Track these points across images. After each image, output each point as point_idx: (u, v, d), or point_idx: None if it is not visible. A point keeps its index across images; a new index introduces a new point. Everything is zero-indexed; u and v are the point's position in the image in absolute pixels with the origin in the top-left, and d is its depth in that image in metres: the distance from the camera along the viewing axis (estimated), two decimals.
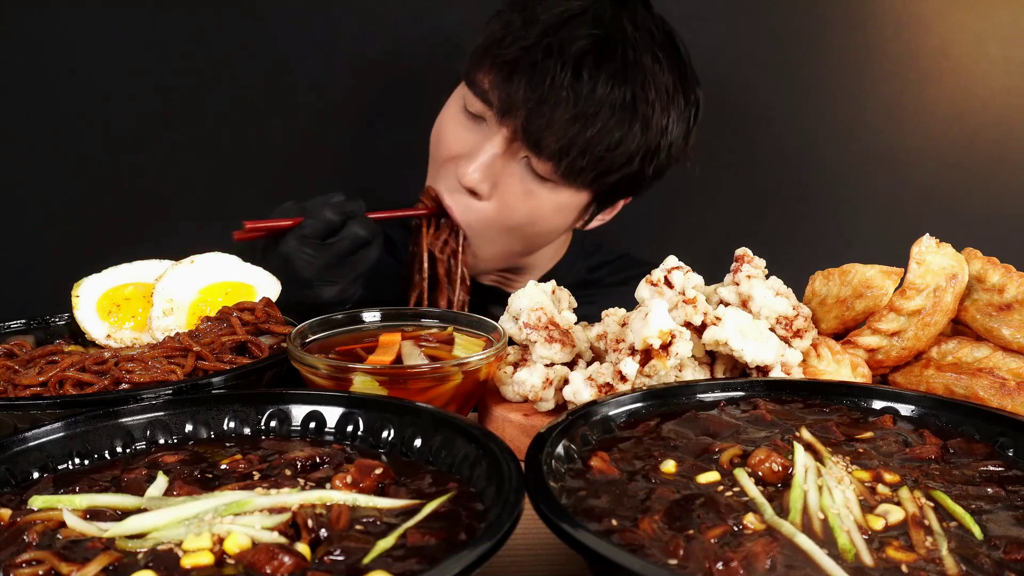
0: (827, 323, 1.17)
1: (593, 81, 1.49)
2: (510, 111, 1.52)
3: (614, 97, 1.51)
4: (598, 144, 1.52)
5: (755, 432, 0.84)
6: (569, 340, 1.09)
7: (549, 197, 1.60)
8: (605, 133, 1.51)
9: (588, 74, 1.49)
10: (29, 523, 0.67)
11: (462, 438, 0.78)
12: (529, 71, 1.50)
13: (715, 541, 0.65)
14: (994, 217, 2.11)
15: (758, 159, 2.13)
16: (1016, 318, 1.06)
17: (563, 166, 1.53)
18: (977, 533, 0.67)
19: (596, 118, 1.50)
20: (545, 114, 1.49)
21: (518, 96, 1.50)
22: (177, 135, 2.04)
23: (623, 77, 1.51)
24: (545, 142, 1.51)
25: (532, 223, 1.64)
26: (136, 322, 1.22)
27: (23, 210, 2.03)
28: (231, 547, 0.62)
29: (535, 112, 1.49)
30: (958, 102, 2.08)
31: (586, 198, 1.65)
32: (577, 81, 1.49)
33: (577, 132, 1.50)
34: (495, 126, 1.57)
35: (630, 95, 1.52)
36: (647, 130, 1.55)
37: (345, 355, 1.10)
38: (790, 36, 2.08)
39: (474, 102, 1.59)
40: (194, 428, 0.86)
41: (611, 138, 1.52)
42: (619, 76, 1.51)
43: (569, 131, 1.49)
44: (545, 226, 1.66)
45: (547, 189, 1.59)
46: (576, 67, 1.49)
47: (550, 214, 1.63)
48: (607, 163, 1.55)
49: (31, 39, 1.95)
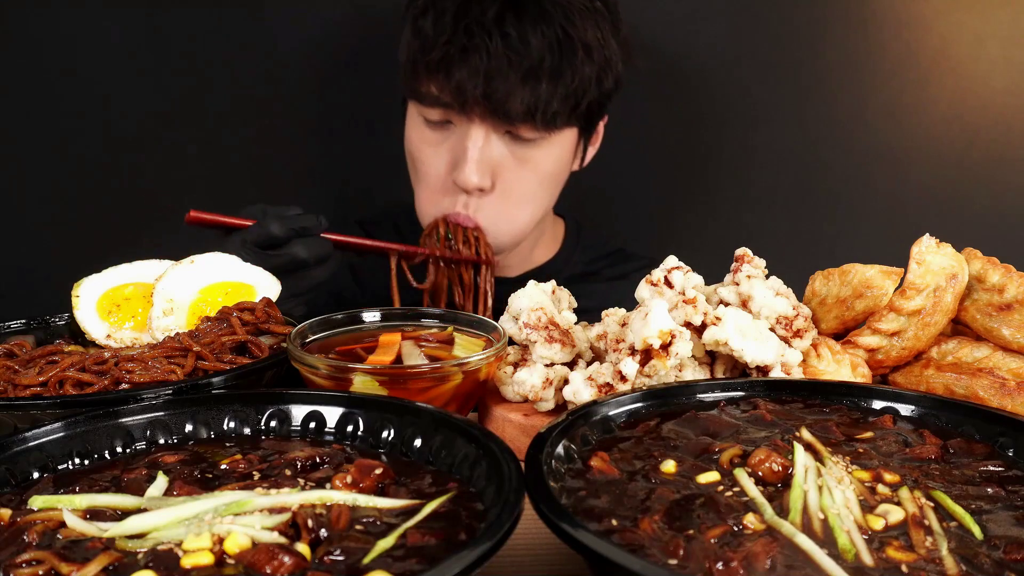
0: (827, 323, 1.17)
1: (523, 35, 1.54)
2: (467, 100, 1.55)
3: (548, 39, 1.55)
4: (558, 88, 1.56)
5: (755, 432, 0.84)
6: (569, 340, 1.09)
7: (542, 155, 1.65)
8: (559, 75, 1.56)
9: (515, 31, 1.54)
10: (29, 523, 0.67)
11: (462, 438, 0.78)
12: (463, 59, 1.54)
13: (715, 541, 0.65)
14: (994, 217, 2.11)
15: (758, 159, 2.14)
16: (1016, 318, 1.06)
17: (540, 119, 1.57)
18: (977, 533, 0.67)
19: (543, 66, 1.55)
20: (499, 87, 1.53)
21: (467, 84, 1.54)
22: (177, 135, 2.04)
23: (545, 18, 1.56)
24: (513, 109, 1.55)
25: (540, 182, 1.67)
26: (136, 322, 1.22)
27: (23, 210, 2.03)
28: (231, 547, 0.62)
29: (489, 90, 1.53)
30: (958, 102, 2.08)
31: (573, 136, 1.69)
32: (508, 42, 1.54)
33: (534, 87, 1.54)
34: (464, 121, 1.60)
35: (560, 30, 1.56)
36: (590, 50, 1.59)
37: (345, 355, 1.10)
38: (790, 36, 2.08)
39: (431, 112, 1.62)
40: (194, 428, 0.86)
41: (566, 77, 1.57)
42: (542, 19, 1.56)
43: (526, 89, 1.54)
44: (552, 179, 1.70)
45: (537, 149, 1.63)
46: (501, 31, 1.54)
47: (552, 166, 1.67)
48: (574, 99, 1.59)
49: (31, 39, 1.95)
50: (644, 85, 2.08)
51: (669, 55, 2.08)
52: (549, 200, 1.75)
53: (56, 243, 2.03)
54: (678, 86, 2.09)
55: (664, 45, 2.07)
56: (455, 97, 1.56)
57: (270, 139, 2.08)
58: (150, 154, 2.03)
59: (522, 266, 1.87)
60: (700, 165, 2.16)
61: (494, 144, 1.61)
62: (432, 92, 1.59)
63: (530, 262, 1.88)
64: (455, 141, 1.63)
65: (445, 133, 1.65)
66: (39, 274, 1.96)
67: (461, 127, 1.62)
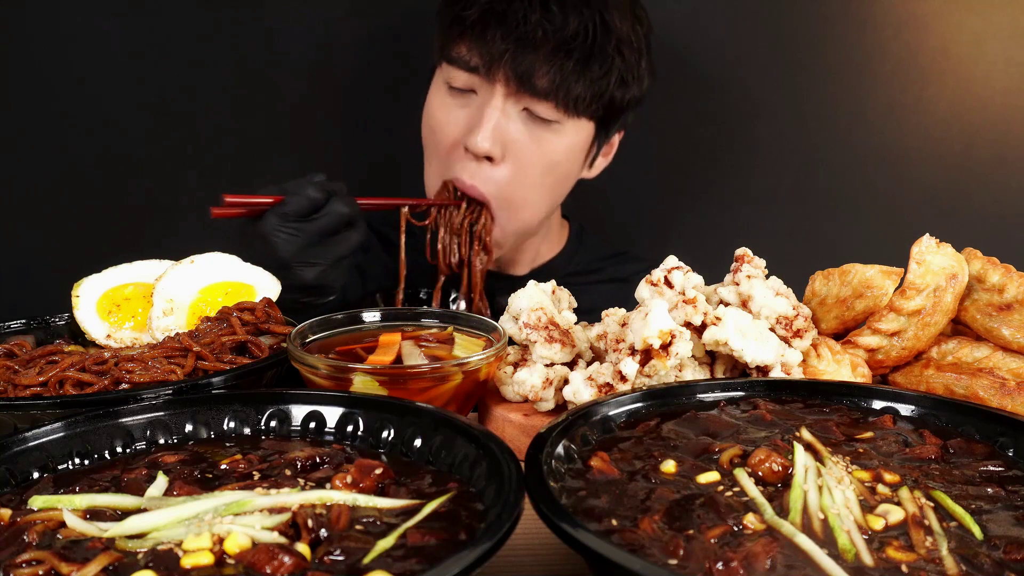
0: (827, 323, 1.17)
1: (563, 12, 1.56)
2: (495, 64, 1.56)
3: (586, 21, 1.57)
4: (587, 70, 1.58)
5: (755, 432, 0.84)
6: (569, 340, 1.09)
7: (556, 139, 1.64)
8: (590, 58, 1.58)
9: (556, 7, 1.56)
10: (29, 523, 0.67)
11: (462, 438, 0.78)
12: (500, 20, 1.55)
13: (715, 541, 0.65)
14: (994, 217, 2.11)
15: (758, 159, 2.14)
16: (1016, 318, 1.06)
17: (561, 98, 1.58)
18: (977, 533, 0.67)
19: (575, 44, 1.56)
20: (529, 56, 1.54)
21: (497, 47, 1.55)
22: (177, 135, 2.04)
23: (587, 1, 1.58)
24: (538, 82, 1.56)
25: (549, 169, 1.67)
26: (136, 322, 1.22)
27: (23, 210, 2.03)
28: (231, 547, 0.62)
29: (519, 56, 1.55)
30: (958, 102, 2.08)
31: (588, 131, 1.69)
32: (548, 15, 1.55)
33: (562, 62, 1.56)
34: (487, 89, 1.61)
35: (599, 17, 1.58)
36: (621, 44, 1.62)
37: (345, 355, 1.10)
38: (790, 36, 2.08)
39: (458, 75, 1.63)
40: (194, 428, 0.86)
41: (596, 61, 1.58)
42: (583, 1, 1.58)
43: (555, 64, 1.55)
44: (562, 171, 1.70)
45: (552, 132, 1.64)
46: (543, 3, 1.56)
47: (563, 156, 1.67)
48: (598, 87, 1.61)
49: (31, 40, 1.95)
50: None
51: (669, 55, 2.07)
52: (556, 191, 1.74)
53: (56, 243, 2.02)
54: (678, 86, 2.09)
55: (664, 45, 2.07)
56: (484, 60, 1.57)
57: (270, 139, 2.08)
58: (150, 154, 2.03)
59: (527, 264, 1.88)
60: (700, 165, 2.16)
61: (511, 118, 1.62)
62: (462, 53, 1.60)
63: (535, 261, 1.90)
64: (473, 109, 1.64)
65: (466, 100, 1.65)
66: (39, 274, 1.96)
67: (483, 95, 1.62)
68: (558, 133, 1.64)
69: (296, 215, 1.40)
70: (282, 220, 1.39)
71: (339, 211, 1.41)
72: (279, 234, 1.39)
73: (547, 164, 1.66)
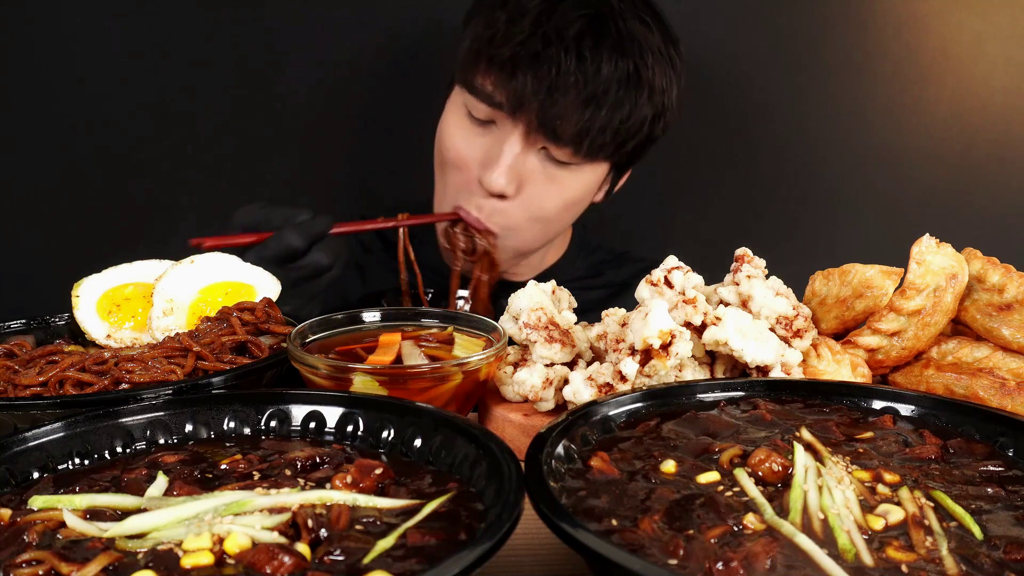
0: (827, 323, 1.17)
1: (596, 61, 1.51)
2: (521, 107, 1.52)
3: (619, 72, 1.53)
4: (612, 120, 1.54)
5: (755, 432, 0.84)
6: (569, 340, 1.09)
7: (572, 179, 1.62)
8: (617, 108, 1.54)
9: (591, 54, 1.51)
10: (29, 523, 0.67)
11: (462, 438, 0.78)
12: (532, 64, 1.50)
13: (715, 541, 0.65)
14: (994, 217, 2.11)
15: (758, 159, 2.14)
16: (1016, 318, 1.06)
17: (584, 148, 1.55)
18: (977, 533, 0.67)
19: (606, 96, 1.52)
20: (558, 102, 1.50)
21: (526, 91, 1.50)
22: (177, 135, 2.04)
23: (622, 50, 1.54)
24: (562, 130, 1.52)
25: (561, 206, 1.65)
26: (136, 322, 1.22)
27: (23, 210, 2.03)
28: (231, 547, 0.62)
29: (547, 103, 1.50)
30: (958, 102, 2.08)
31: (605, 170, 1.68)
32: (582, 64, 1.51)
33: (591, 114, 1.52)
34: (508, 125, 1.57)
35: (632, 66, 1.54)
36: (653, 94, 1.58)
37: (345, 355, 1.10)
38: (790, 36, 2.08)
39: (479, 107, 1.58)
40: (194, 428, 0.86)
41: (623, 111, 1.55)
42: (619, 49, 1.53)
43: (584, 114, 1.51)
44: (577, 206, 1.69)
45: (568, 172, 1.61)
46: (578, 50, 1.51)
47: (578, 193, 1.66)
48: (622, 135, 1.58)
49: (31, 41, 1.95)
50: None
51: None
52: (562, 223, 1.73)
53: (56, 243, 2.03)
54: None
55: None
56: (510, 100, 1.53)
57: (271, 139, 2.07)
58: (150, 154, 2.03)
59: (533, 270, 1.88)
60: (700, 165, 2.16)
61: (529, 157, 1.58)
62: (487, 88, 1.56)
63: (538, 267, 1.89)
64: (491, 142, 1.60)
65: (484, 131, 1.61)
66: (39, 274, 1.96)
67: (503, 130, 1.58)
68: (575, 173, 1.62)
69: (275, 261, 1.36)
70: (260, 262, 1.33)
71: (318, 263, 1.38)
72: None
73: (560, 203, 1.64)
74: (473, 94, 1.58)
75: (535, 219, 1.65)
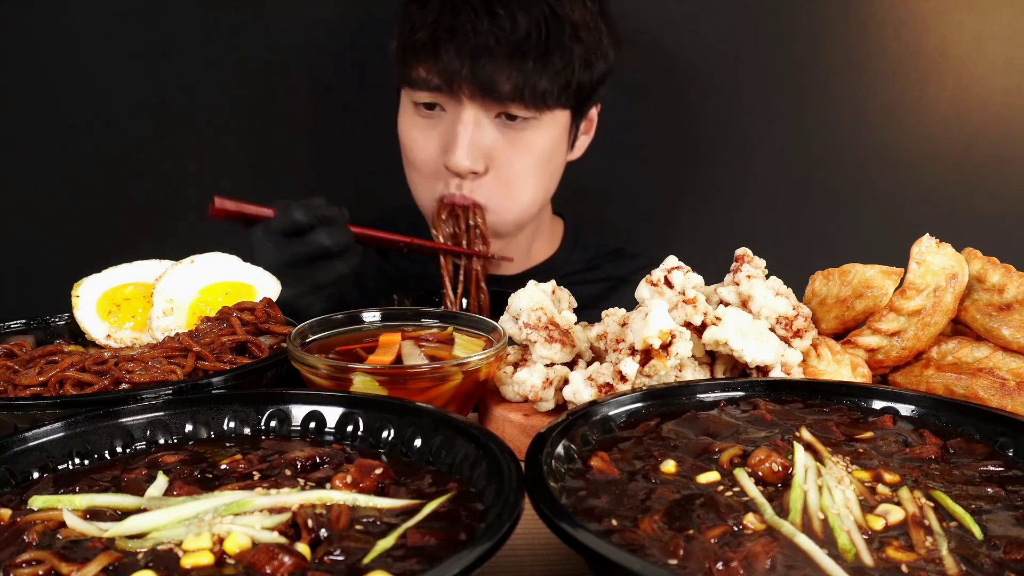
0: (827, 323, 1.17)
1: (510, 14, 1.55)
2: (455, 80, 1.56)
3: (535, 17, 1.56)
4: (546, 66, 1.56)
5: (755, 432, 0.84)
6: (569, 340, 1.09)
7: (534, 136, 1.64)
8: (546, 53, 1.56)
9: (503, 10, 1.55)
10: (29, 523, 0.67)
11: (462, 438, 0.78)
12: (450, 37, 1.55)
13: (715, 541, 0.65)
14: (994, 217, 2.11)
15: (758, 159, 2.14)
16: (1016, 318, 1.06)
17: (528, 97, 1.57)
18: (977, 533, 0.67)
19: (530, 43, 1.55)
20: (486, 66, 1.54)
21: (453, 64, 1.54)
22: (177, 135, 2.04)
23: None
24: (502, 88, 1.55)
25: (536, 165, 1.67)
26: (136, 322, 1.22)
27: (24, 210, 2.03)
28: (231, 547, 0.62)
29: (476, 69, 1.54)
30: (958, 102, 2.08)
31: (565, 118, 1.69)
32: (496, 21, 1.54)
33: (521, 65, 1.55)
34: (453, 106, 1.61)
35: (547, 8, 1.57)
36: (577, 29, 1.60)
37: (345, 355, 1.10)
38: (790, 36, 2.08)
39: (421, 95, 1.63)
40: (194, 428, 0.86)
41: (552, 55, 1.57)
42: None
43: (514, 68, 1.54)
44: (549, 162, 1.70)
45: (528, 130, 1.63)
46: (489, 9, 1.54)
47: (546, 149, 1.67)
48: (563, 77, 1.60)
49: (30, 41, 1.95)
50: (644, 84, 2.08)
51: (669, 54, 2.08)
52: (548, 183, 1.74)
53: (56, 243, 2.03)
54: (678, 85, 2.10)
55: (664, 44, 2.07)
56: (443, 78, 1.57)
57: (271, 140, 2.08)
58: (150, 154, 2.04)
59: (521, 263, 1.87)
60: (700, 165, 2.16)
61: (485, 129, 1.61)
62: (421, 75, 1.60)
63: (529, 259, 1.89)
64: (445, 127, 1.64)
65: (435, 119, 1.65)
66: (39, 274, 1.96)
67: (452, 112, 1.62)
68: (536, 129, 1.64)
69: (279, 232, 1.40)
70: (266, 235, 1.40)
71: (320, 242, 1.40)
72: (261, 248, 1.41)
73: (533, 161, 1.66)
74: (413, 87, 1.63)
75: (514, 185, 1.66)
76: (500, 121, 1.62)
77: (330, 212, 1.43)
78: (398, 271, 1.89)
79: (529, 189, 1.69)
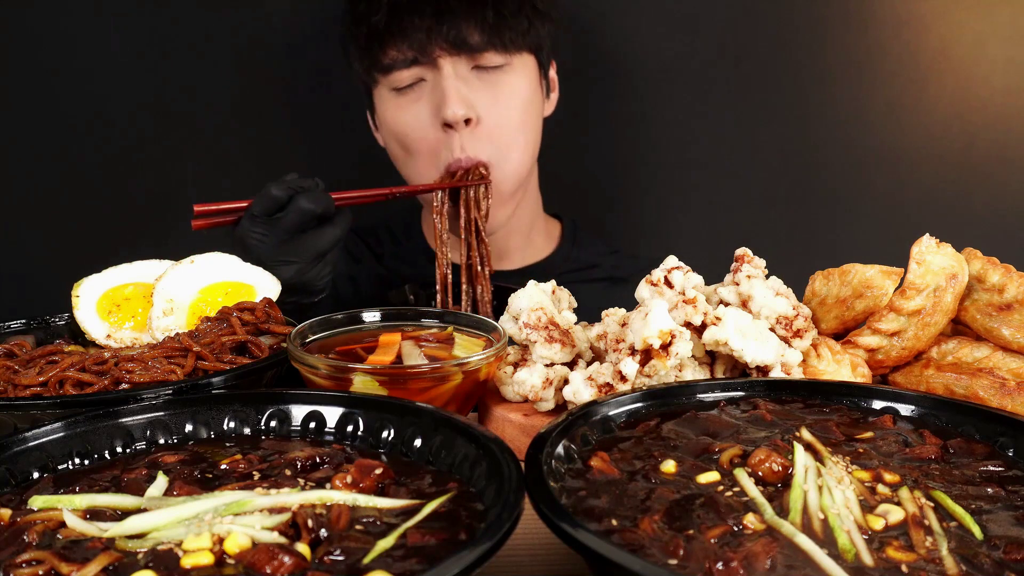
0: (827, 323, 1.17)
1: None
2: (429, 44, 1.62)
3: None
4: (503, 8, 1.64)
5: (755, 432, 0.84)
6: (569, 340, 1.09)
7: (511, 80, 1.70)
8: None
9: None
10: (29, 523, 0.67)
11: (462, 438, 0.78)
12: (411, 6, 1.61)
13: (715, 541, 0.65)
14: (994, 217, 2.11)
15: (758, 159, 2.14)
16: (1016, 318, 1.06)
17: (498, 42, 1.64)
18: (977, 533, 0.67)
19: None
20: (452, 21, 1.60)
21: (421, 28, 1.61)
22: (177, 135, 2.04)
23: None
24: (472, 40, 1.62)
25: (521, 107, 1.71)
26: (136, 322, 1.22)
27: (23, 210, 2.03)
28: (231, 547, 0.62)
29: (445, 27, 1.60)
30: (958, 102, 2.08)
31: (533, 64, 1.74)
32: None
33: (482, 11, 1.62)
34: (432, 71, 1.65)
35: None
36: None
37: (345, 355, 1.10)
38: (790, 36, 2.08)
39: (400, 76, 1.67)
40: (194, 428, 0.86)
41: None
42: None
43: (477, 16, 1.62)
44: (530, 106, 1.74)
45: (505, 74, 1.69)
46: None
47: (525, 90, 1.72)
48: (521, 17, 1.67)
49: (30, 41, 1.95)
50: (644, 84, 2.08)
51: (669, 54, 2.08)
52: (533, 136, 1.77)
53: (56, 243, 2.03)
54: (678, 85, 2.10)
55: (664, 44, 2.07)
56: (416, 47, 1.62)
57: (271, 140, 2.08)
58: (150, 154, 2.04)
59: (521, 258, 1.89)
60: (700, 165, 2.16)
61: (467, 80, 1.66)
62: (393, 56, 1.65)
63: (528, 255, 1.90)
64: (429, 92, 1.67)
65: (418, 92, 1.69)
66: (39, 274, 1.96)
67: (432, 78, 1.66)
68: (510, 73, 1.69)
69: (263, 214, 1.42)
70: (252, 222, 1.41)
71: (302, 207, 1.41)
72: (251, 235, 1.41)
73: (517, 103, 1.70)
74: (389, 71, 1.67)
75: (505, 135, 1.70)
76: (477, 72, 1.67)
77: (305, 183, 1.45)
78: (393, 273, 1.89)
79: (520, 139, 1.73)
